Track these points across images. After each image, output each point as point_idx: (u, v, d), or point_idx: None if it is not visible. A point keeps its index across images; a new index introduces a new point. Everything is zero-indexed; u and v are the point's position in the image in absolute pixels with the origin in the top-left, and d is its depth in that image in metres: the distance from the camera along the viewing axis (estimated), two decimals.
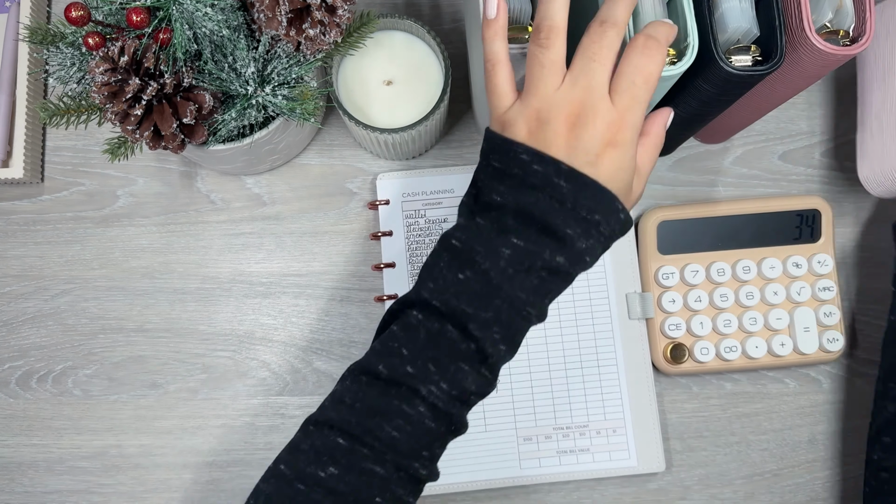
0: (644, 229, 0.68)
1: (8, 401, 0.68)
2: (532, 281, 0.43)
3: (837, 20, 0.52)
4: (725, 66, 0.50)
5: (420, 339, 0.44)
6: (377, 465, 0.42)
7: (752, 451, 0.67)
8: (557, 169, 0.43)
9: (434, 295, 0.44)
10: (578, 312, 0.67)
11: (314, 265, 0.69)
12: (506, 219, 0.44)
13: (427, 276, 0.45)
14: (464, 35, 0.71)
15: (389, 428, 0.43)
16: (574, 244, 0.43)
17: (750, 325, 0.66)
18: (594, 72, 0.43)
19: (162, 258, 0.69)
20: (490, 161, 0.45)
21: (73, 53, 0.54)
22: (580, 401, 0.66)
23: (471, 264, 0.43)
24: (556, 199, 0.43)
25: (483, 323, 0.43)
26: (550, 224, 0.43)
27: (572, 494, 0.66)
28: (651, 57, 0.43)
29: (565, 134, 0.43)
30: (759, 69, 0.50)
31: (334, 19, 0.53)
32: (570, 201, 0.43)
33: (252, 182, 0.70)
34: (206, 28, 0.52)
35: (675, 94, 0.58)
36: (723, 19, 0.51)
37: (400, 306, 0.46)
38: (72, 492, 0.66)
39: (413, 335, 0.44)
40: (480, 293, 0.43)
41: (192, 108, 0.53)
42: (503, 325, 0.43)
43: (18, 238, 0.70)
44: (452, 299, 0.43)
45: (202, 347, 0.68)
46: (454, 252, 0.44)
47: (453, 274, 0.44)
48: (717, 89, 0.53)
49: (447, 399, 0.43)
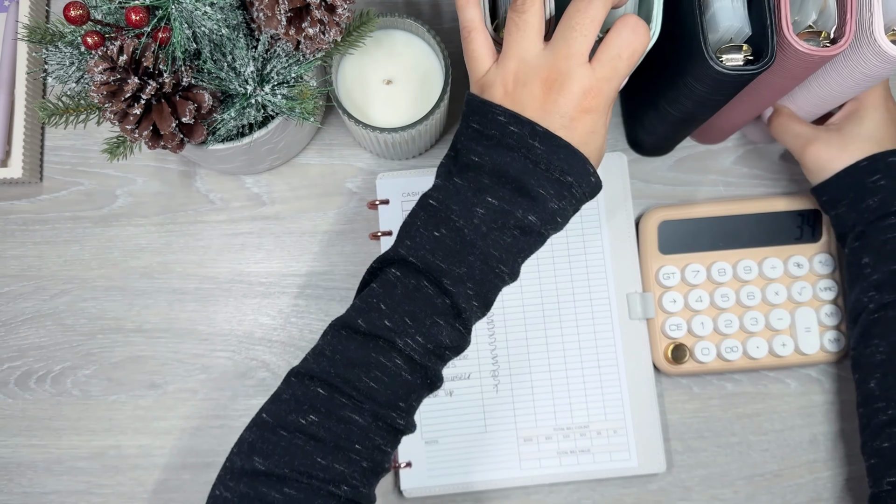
0: (645, 229, 0.68)
1: (7, 401, 0.67)
2: (505, 239, 0.45)
3: (822, 21, 0.51)
4: (715, 65, 0.50)
5: (397, 294, 0.45)
6: (355, 414, 0.44)
7: (753, 452, 0.67)
8: (533, 130, 0.44)
9: (411, 252, 0.45)
10: (579, 312, 0.67)
11: (314, 265, 0.69)
12: (482, 178, 0.45)
13: (405, 235, 0.46)
14: None
15: (367, 379, 0.44)
16: (546, 204, 0.45)
17: (751, 325, 0.66)
18: (575, 40, 0.44)
19: (161, 258, 0.69)
20: (469, 123, 0.47)
21: (72, 52, 0.54)
22: (581, 401, 0.65)
23: (446, 222, 0.45)
24: (530, 160, 0.44)
25: (457, 278, 0.45)
26: (525, 183, 0.44)
27: (573, 495, 0.66)
28: (640, 35, 0.45)
29: (541, 97, 0.44)
30: (750, 69, 0.50)
31: (334, 18, 0.53)
32: (545, 162, 0.44)
33: (251, 182, 0.70)
34: (205, 27, 0.51)
35: (669, 94, 0.58)
36: (714, 18, 0.51)
37: (379, 264, 0.47)
38: (70, 492, 0.66)
39: (391, 291, 0.45)
40: (454, 249, 0.45)
41: (191, 107, 0.53)
42: (476, 281, 0.45)
43: (17, 238, 0.70)
44: (428, 255, 0.45)
45: (201, 348, 0.68)
46: (431, 211, 0.46)
47: (429, 231, 0.45)
48: (708, 88, 0.53)
49: (423, 352, 0.45)
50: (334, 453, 0.43)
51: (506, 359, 0.66)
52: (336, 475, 0.43)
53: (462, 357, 0.66)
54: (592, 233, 0.67)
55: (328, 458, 0.43)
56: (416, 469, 0.64)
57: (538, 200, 0.45)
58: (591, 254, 0.67)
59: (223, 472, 0.45)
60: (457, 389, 0.66)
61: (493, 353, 0.66)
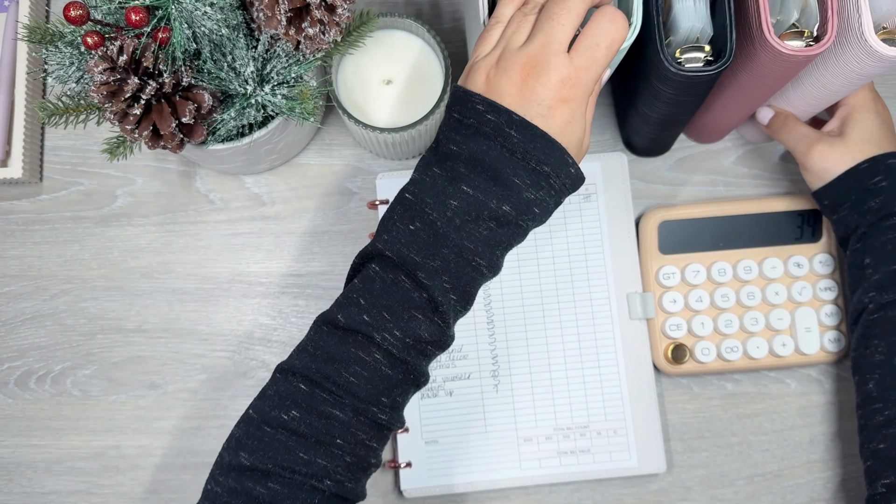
0: (645, 229, 0.67)
1: (7, 401, 0.67)
2: (481, 231, 0.45)
3: (804, 20, 0.51)
4: (670, 66, 0.50)
5: (376, 289, 0.45)
6: (336, 409, 0.44)
7: (754, 452, 0.67)
8: (509, 119, 0.44)
9: (388, 246, 0.45)
10: (579, 312, 0.67)
11: (314, 265, 0.69)
12: (458, 166, 0.45)
13: (383, 230, 0.47)
14: (464, 34, 0.70)
15: (347, 374, 0.44)
16: (522, 193, 0.45)
17: (751, 325, 0.66)
18: (553, 30, 0.44)
19: (161, 258, 0.69)
20: (451, 113, 0.47)
21: (72, 53, 0.54)
22: (581, 401, 0.65)
23: (420, 215, 0.45)
24: (506, 149, 0.44)
25: (432, 271, 0.45)
26: (500, 172, 0.44)
27: (573, 495, 0.66)
28: (618, 24, 0.45)
29: (519, 84, 0.44)
30: (708, 70, 0.50)
31: (334, 18, 0.53)
32: (521, 151, 0.44)
33: (251, 182, 0.70)
34: (205, 27, 0.51)
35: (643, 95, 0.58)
36: (676, 19, 0.51)
37: (360, 259, 0.48)
38: (70, 492, 0.66)
39: (370, 286, 0.46)
40: (428, 242, 0.45)
41: (191, 107, 0.53)
42: (452, 274, 0.45)
43: (17, 238, 0.70)
44: (403, 249, 0.45)
45: (201, 348, 0.68)
46: (406, 204, 0.46)
47: (405, 225, 0.45)
48: (672, 90, 0.53)
49: (402, 346, 0.45)
50: (316, 448, 0.44)
51: (506, 359, 0.66)
52: (318, 470, 0.44)
53: (462, 357, 0.66)
54: (592, 233, 0.67)
55: (310, 453, 0.44)
56: (416, 469, 0.64)
57: (513, 189, 0.44)
58: (591, 254, 0.67)
59: (214, 467, 0.46)
60: (457, 389, 0.66)
61: (493, 353, 0.66)
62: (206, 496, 0.45)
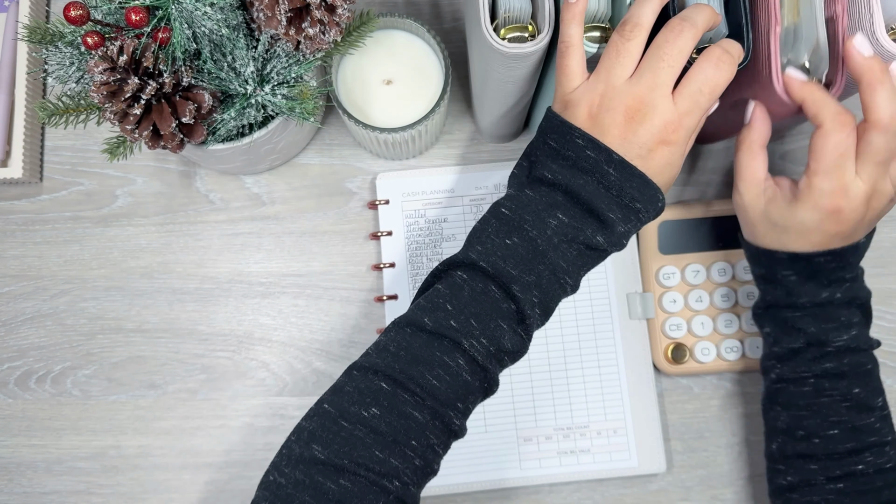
0: (645, 229, 0.67)
1: (7, 401, 0.67)
2: (572, 252, 0.47)
3: (815, 61, 0.50)
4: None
5: (464, 296, 0.46)
6: (416, 410, 0.44)
7: (754, 452, 0.67)
8: (609, 157, 0.46)
9: (482, 257, 0.46)
10: (579, 312, 0.67)
11: (314, 265, 0.69)
12: (555, 195, 0.47)
13: (475, 240, 0.47)
14: (464, 34, 0.70)
15: (430, 376, 0.45)
16: (615, 227, 0.46)
17: (751, 325, 0.66)
18: (661, 71, 0.45)
19: (161, 258, 0.69)
20: (547, 139, 0.48)
21: (72, 53, 0.54)
22: (581, 401, 0.65)
23: (519, 231, 0.46)
24: (603, 185, 0.46)
25: (525, 285, 0.46)
26: (596, 207, 0.46)
27: (573, 495, 0.66)
28: (723, 71, 0.46)
29: (622, 125, 0.46)
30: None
31: (334, 18, 0.53)
32: (616, 189, 0.46)
33: (251, 182, 0.70)
34: (205, 27, 0.51)
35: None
36: None
37: (445, 267, 0.48)
38: (71, 492, 0.66)
39: (458, 293, 0.46)
40: (526, 258, 0.46)
41: (191, 107, 0.53)
42: (542, 289, 0.46)
43: (17, 238, 0.70)
44: (500, 262, 0.46)
45: (201, 348, 0.68)
46: (503, 219, 0.47)
47: (501, 239, 0.46)
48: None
49: (485, 354, 0.46)
50: (392, 447, 0.44)
51: None
52: (391, 469, 0.43)
53: None
54: None
55: (385, 452, 0.43)
56: None
57: (608, 224, 0.46)
58: None
59: (279, 459, 0.45)
60: None
61: None
62: (267, 487, 0.44)
